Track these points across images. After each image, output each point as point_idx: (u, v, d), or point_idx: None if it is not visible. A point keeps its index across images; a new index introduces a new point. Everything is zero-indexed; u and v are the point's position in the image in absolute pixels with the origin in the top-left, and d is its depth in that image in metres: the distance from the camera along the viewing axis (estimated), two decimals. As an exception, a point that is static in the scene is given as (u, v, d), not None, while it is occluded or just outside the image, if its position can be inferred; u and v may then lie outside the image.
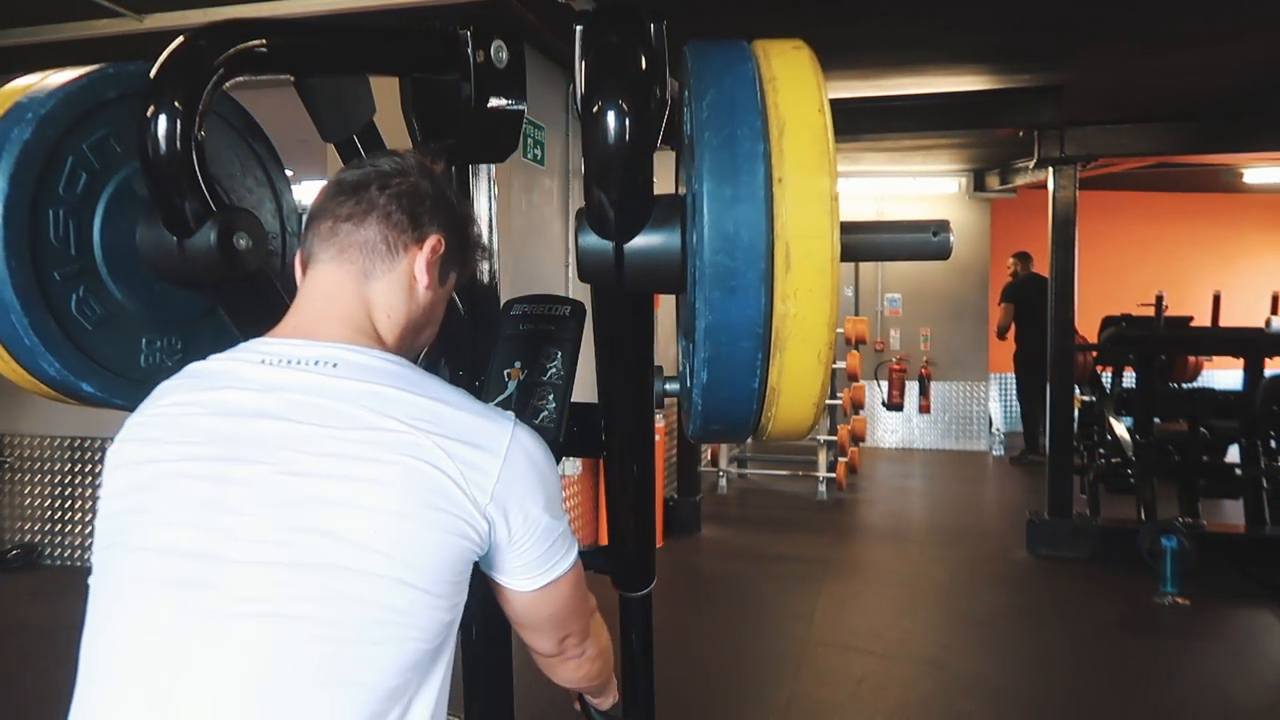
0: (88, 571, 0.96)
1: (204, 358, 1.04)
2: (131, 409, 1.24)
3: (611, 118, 0.93)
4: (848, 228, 0.95)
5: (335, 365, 0.97)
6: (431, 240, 1.07)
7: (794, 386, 0.96)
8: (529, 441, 1.01)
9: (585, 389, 1.37)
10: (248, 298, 1.28)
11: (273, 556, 0.88)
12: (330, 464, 0.90)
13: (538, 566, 1.02)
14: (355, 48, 1.35)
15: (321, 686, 0.86)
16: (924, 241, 1.07)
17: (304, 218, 1.12)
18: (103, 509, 0.98)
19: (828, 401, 7.48)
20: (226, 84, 1.12)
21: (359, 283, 1.04)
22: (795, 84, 0.95)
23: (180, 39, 1.11)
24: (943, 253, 1.07)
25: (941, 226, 1.06)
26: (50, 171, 1.17)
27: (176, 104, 1.06)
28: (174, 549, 0.90)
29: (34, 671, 3.58)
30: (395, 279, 1.05)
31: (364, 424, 0.92)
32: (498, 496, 0.95)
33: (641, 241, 0.99)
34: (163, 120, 1.06)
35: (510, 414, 1.02)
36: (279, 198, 1.49)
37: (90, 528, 5.40)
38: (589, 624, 1.18)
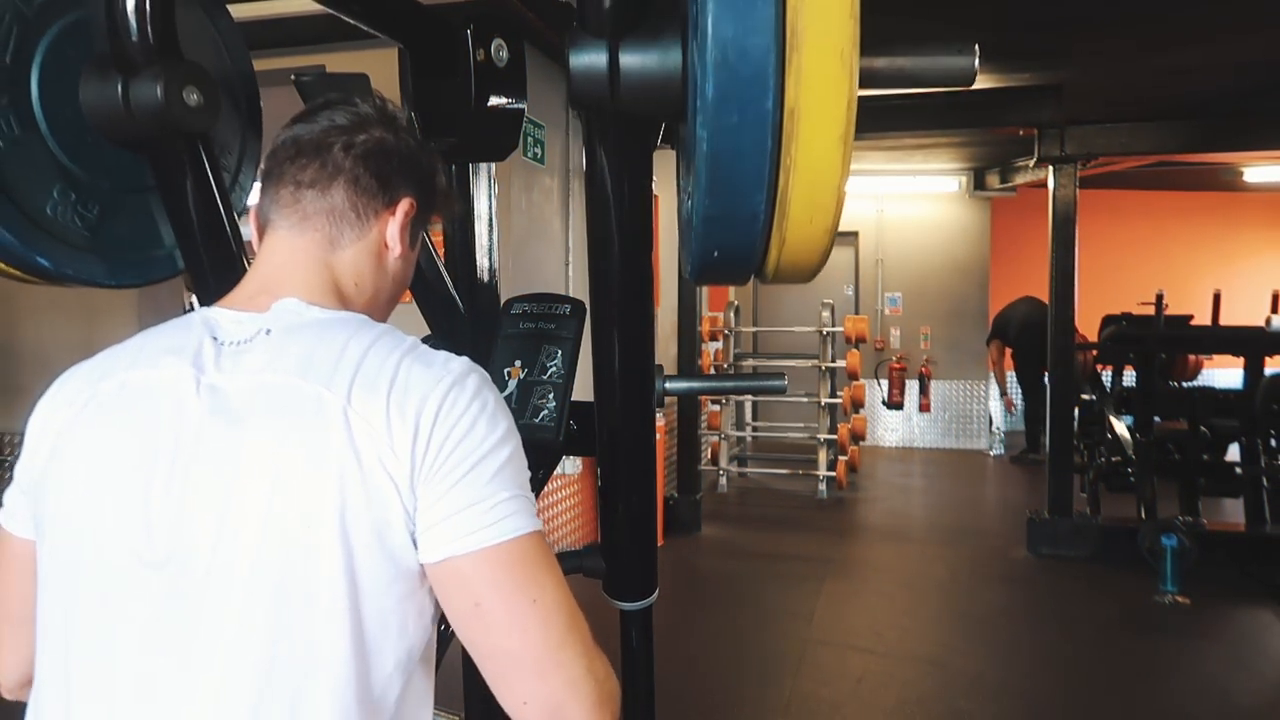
0: None
1: (119, 241, 0.94)
2: (20, 251, 1.14)
3: None
4: (867, 51, 0.85)
5: (269, 333, 0.89)
6: (404, 204, 1.00)
7: (816, 106, 0.81)
8: (462, 384, 0.88)
9: (585, 388, 1.37)
10: (185, 175, 1.20)
11: (227, 566, 0.83)
12: (262, 449, 0.84)
13: (456, 525, 0.83)
14: None
15: (282, 704, 0.81)
16: (947, 65, 0.98)
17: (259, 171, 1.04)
18: (50, 504, 0.90)
19: (828, 400, 7.50)
20: None
21: (324, 250, 0.96)
22: None
23: None
24: (967, 76, 0.97)
25: (965, 46, 0.97)
26: None
27: None
28: (126, 558, 0.85)
29: (34, 670, 3.58)
30: (365, 247, 0.98)
31: (289, 395, 0.85)
32: (418, 443, 0.83)
33: (638, 58, 0.92)
34: None
35: (462, 359, 0.91)
36: (245, 146, 1.45)
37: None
38: (589, 683, 0.86)
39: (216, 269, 1.25)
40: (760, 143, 0.81)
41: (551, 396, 1.42)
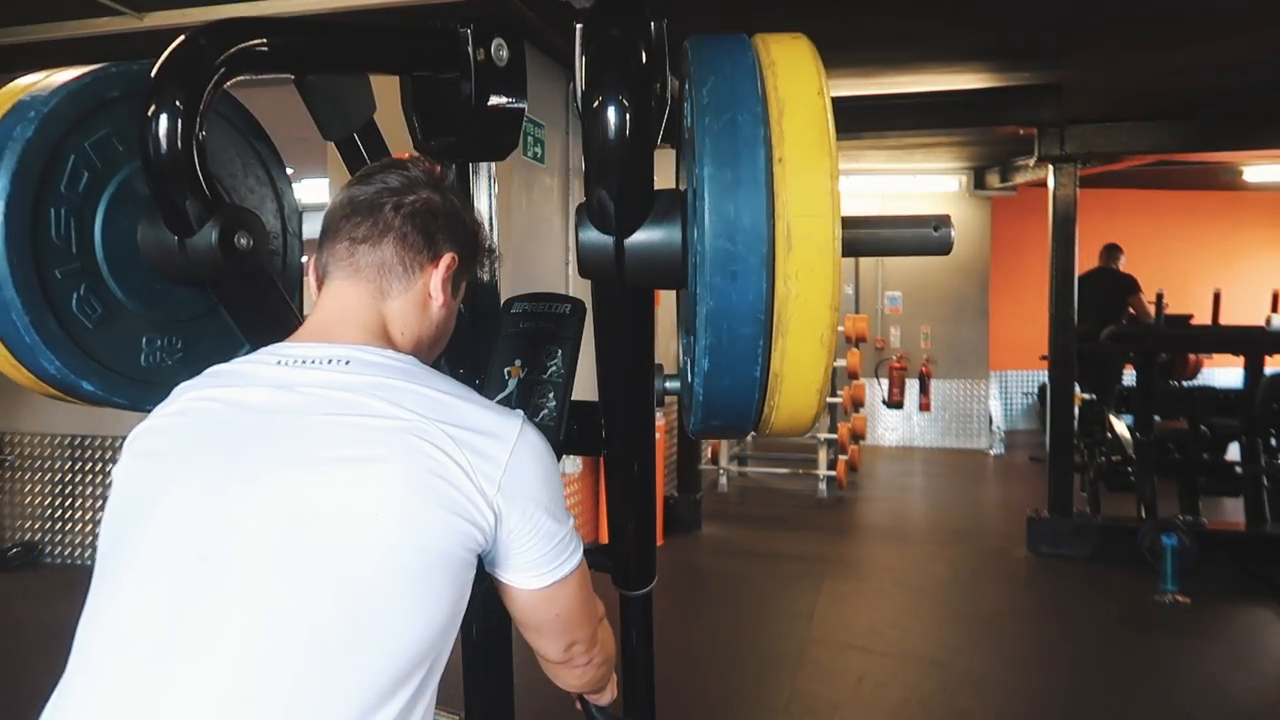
0: (89, 570, 0.96)
1: (209, 359, 1.06)
2: (131, 407, 1.22)
3: (612, 112, 0.93)
4: (849, 222, 0.95)
5: (348, 362, 0.99)
6: (446, 258, 1.09)
7: (797, 371, 0.95)
8: (536, 439, 1.02)
9: (586, 387, 1.37)
10: (248, 295, 1.28)
11: (274, 550, 0.88)
12: (338, 450, 0.92)
13: (543, 565, 1.02)
14: (356, 46, 1.35)
15: (315, 683, 0.86)
16: (925, 237, 1.07)
17: (318, 230, 1.13)
18: (111, 502, 0.99)
19: (828, 399, 7.47)
20: (227, 83, 1.12)
21: (375, 300, 1.07)
22: (794, 67, 0.95)
23: (181, 38, 1.11)
24: (943, 248, 1.07)
25: (942, 221, 1.06)
26: (52, 170, 1.17)
27: (177, 103, 1.06)
28: (177, 545, 0.91)
29: (35, 671, 3.58)
30: (411, 298, 1.08)
31: (373, 411, 0.94)
32: (505, 488, 0.96)
33: (642, 236, 0.99)
34: (164, 120, 1.06)
35: (519, 412, 1.04)
36: (280, 197, 1.48)
37: (91, 526, 5.41)
38: (596, 630, 1.17)
39: None
40: (750, 381, 0.96)
41: (552, 396, 1.42)
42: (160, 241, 1.18)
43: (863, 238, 1.06)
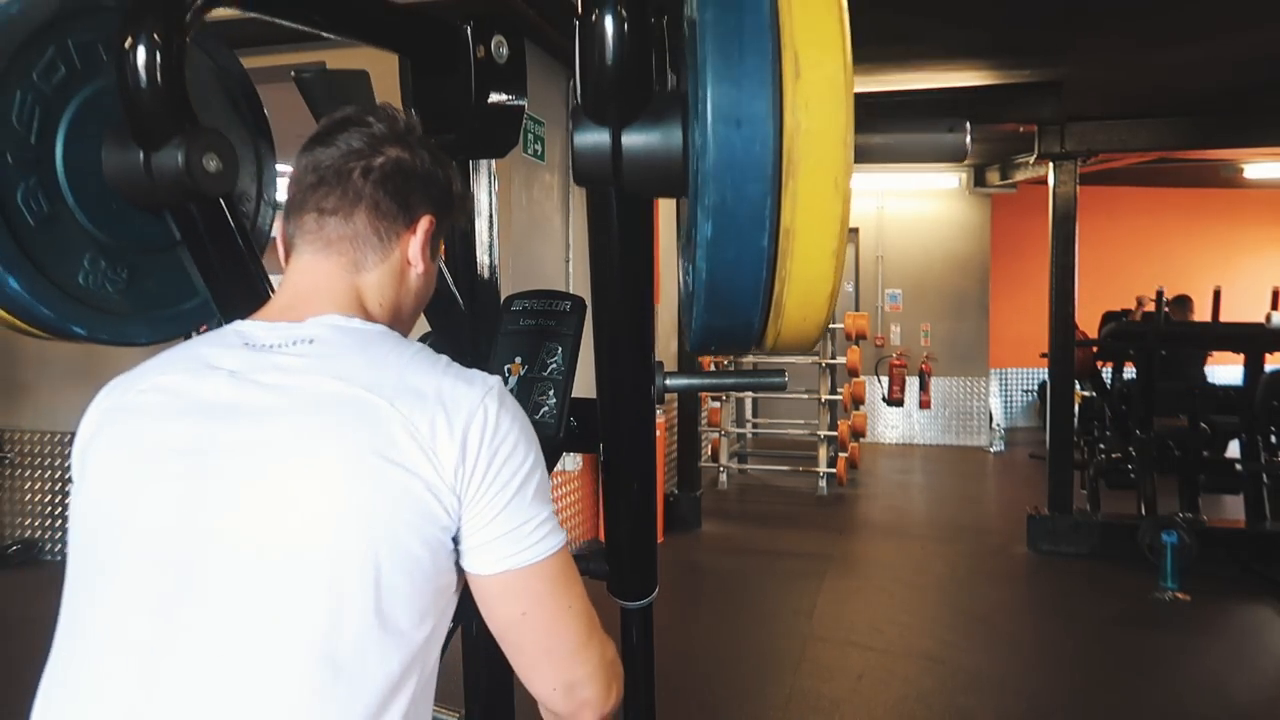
0: None
1: (152, 299, 0.98)
2: (55, 323, 1.16)
3: (610, 3, 0.89)
4: (857, 127, 0.87)
5: (312, 341, 0.94)
6: (424, 222, 1.03)
7: (810, 224, 0.85)
8: (505, 405, 0.93)
9: (585, 386, 1.37)
10: (211, 229, 1.22)
11: (249, 560, 0.85)
12: (297, 446, 0.87)
13: (505, 545, 0.91)
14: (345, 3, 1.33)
15: (307, 693, 0.83)
16: (937, 141, 1.01)
17: (283, 201, 1.08)
18: (78, 498, 0.94)
19: (828, 397, 7.51)
20: (209, 10, 1.09)
21: (349, 272, 1.00)
22: None
23: None
24: (958, 153, 1.00)
25: (957, 124, 1.00)
26: (28, 52, 1.13)
27: (163, 8, 1.04)
28: (152, 555, 0.87)
29: (34, 667, 3.58)
30: (388, 268, 1.02)
31: (333, 396, 0.89)
32: (465, 456, 0.88)
33: (640, 137, 0.94)
34: (146, 20, 1.03)
35: (494, 377, 0.96)
36: (260, 160, 1.45)
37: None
38: (596, 672, 0.97)
39: (250, 312, 1.27)
40: (757, 250, 0.87)
41: (552, 393, 1.42)
42: (124, 158, 1.14)
43: (873, 144, 0.99)
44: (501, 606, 0.94)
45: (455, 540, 0.91)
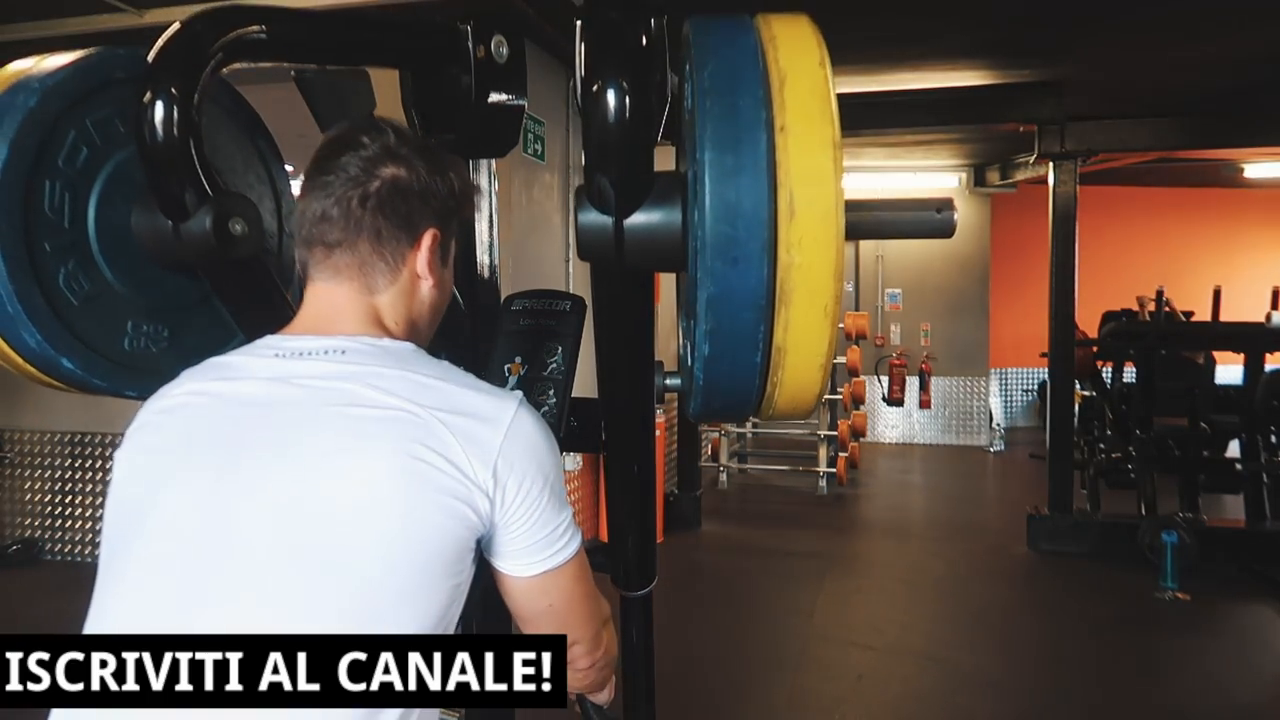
0: (89, 566, 0.96)
1: (195, 349, 1.04)
2: (110, 390, 1.21)
3: (612, 93, 0.91)
4: (851, 206, 0.92)
5: (343, 352, 0.98)
6: (427, 238, 1.05)
7: (800, 344, 0.92)
8: (532, 421, 1.00)
9: (585, 385, 1.37)
10: (242, 284, 1.26)
11: (275, 546, 0.89)
12: (335, 441, 0.91)
13: (537, 551, 1.00)
14: (355, 38, 1.34)
15: None
16: (927, 219, 1.05)
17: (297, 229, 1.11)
18: (112, 500, 0.98)
19: (828, 397, 7.50)
20: (224, 69, 1.11)
21: (363, 295, 1.04)
22: (795, 41, 0.93)
23: (178, 24, 1.10)
24: (946, 231, 1.05)
25: (945, 204, 1.04)
26: (52, 142, 1.16)
27: (173, 89, 1.05)
28: (179, 543, 0.91)
29: (35, 667, 3.58)
30: (399, 288, 1.05)
31: (368, 401, 0.93)
32: (498, 471, 0.94)
33: (642, 218, 0.97)
34: (159, 103, 1.05)
35: (517, 393, 1.02)
36: (279, 196, 1.48)
37: (91, 523, 5.41)
38: (599, 632, 1.13)
39: None
40: (751, 365, 0.94)
41: (552, 393, 1.42)
42: (154, 226, 1.17)
43: (864, 221, 1.04)
44: (530, 601, 1.03)
45: (479, 542, 0.97)
